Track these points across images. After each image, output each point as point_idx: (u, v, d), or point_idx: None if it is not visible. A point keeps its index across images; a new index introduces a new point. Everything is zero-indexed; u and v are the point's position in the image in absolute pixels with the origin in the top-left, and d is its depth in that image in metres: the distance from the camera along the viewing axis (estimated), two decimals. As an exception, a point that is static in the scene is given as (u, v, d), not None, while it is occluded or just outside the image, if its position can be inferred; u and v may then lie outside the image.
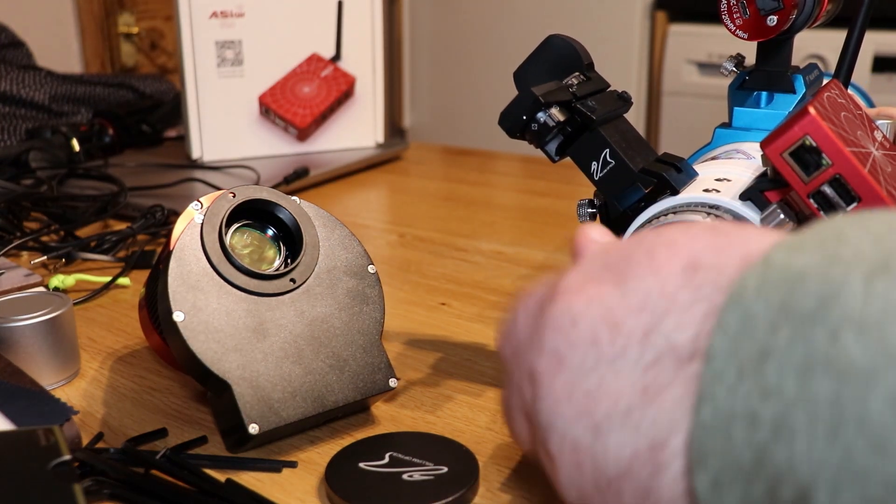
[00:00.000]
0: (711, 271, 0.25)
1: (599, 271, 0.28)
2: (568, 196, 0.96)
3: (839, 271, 0.22)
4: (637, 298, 0.26)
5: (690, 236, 0.27)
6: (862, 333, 0.20)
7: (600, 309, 0.27)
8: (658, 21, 1.99)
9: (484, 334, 0.59)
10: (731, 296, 0.23)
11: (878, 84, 1.69)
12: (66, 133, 1.02)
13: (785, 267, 0.23)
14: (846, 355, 0.20)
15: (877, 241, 0.22)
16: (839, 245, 0.23)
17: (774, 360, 0.22)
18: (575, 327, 0.27)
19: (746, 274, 0.24)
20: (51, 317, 0.50)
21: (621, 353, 0.26)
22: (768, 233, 0.26)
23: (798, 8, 0.47)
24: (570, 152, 0.47)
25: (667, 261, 0.26)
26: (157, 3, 1.92)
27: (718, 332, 0.23)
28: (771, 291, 0.22)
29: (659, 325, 0.25)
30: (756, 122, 0.51)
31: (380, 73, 1.12)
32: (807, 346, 0.21)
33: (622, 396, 0.25)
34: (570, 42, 0.48)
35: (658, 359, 0.25)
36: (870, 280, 0.21)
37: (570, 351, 0.27)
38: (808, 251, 0.23)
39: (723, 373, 0.23)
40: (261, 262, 0.47)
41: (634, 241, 0.28)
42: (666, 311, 0.25)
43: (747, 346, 0.22)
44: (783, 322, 0.22)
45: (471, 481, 0.39)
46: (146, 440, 0.44)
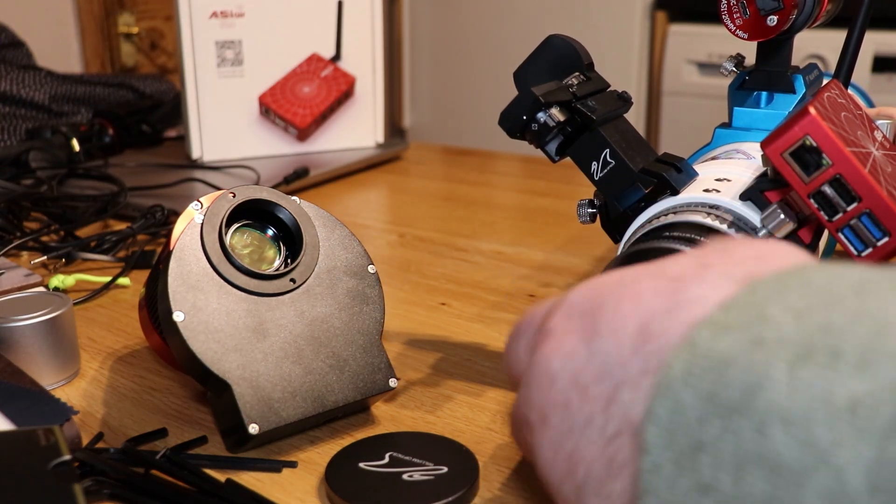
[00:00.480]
0: (658, 340, 0.25)
1: (579, 316, 0.28)
2: (568, 196, 0.96)
3: (762, 358, 0.21)
4: (599, 362, 0.26)
5: (653, 290, 0.26)
6: (788, 428, 0.20)
7: (571, 371, 0.27)
8: (658, 21, 1.99)
9: (484, 334, 0.59)
10: (660, 384, 0.23)
11: (878, 84, 1.69)
12: (66, 133, 1.02)
13: (709, 351, 0.22)
14: (775, 452, 0.20)
15: (799, 319, 0.22)
16: (761, 325, 0.22)
17: (707, 455, 0.21)
18: (552, 388, 0.27)
19: (674, 357, 0.23)
20: (51, 317, 0.50)
21: (589, 420, 0.26)
22: (723, 285, 0.26)
23: (798, 8, 0.47)
24: (570, 152, 0.47)
25: (627, 320, 0.26)
26: (157, 3, 1.92)
27: (650, 423, 0.23)
28: (697, 379, 0.22)
29: (617, 396, 0.25)
30: (756, 122, 0.51)
31: (380, 73, 1.12)
32: (736, 440, 0.21)
33: (593, 466, 0.26)
34: (570, 42, 0.48)
35: (619, 432, 0.25)
36: (793, 369, 0.21)
37: (551, 411, 0.27)
38: (732, 332, 0.22)
39: (660, 466, 0.22)
40: (261, 262, 0.47)
41: (609, 287, 0.28)
42: (622, 381, 0.25)
43: (680, 439, 0.22)
44: (711, 413, 0.21)
45: (471, 481, 0.39)
46: (146, 440, 0.44)
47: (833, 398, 0.20)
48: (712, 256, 0.27)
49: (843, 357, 0.20)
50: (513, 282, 0.69)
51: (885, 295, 0.22)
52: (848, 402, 0.20)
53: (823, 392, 0.20)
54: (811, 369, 0.20)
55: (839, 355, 0.20)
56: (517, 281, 0.69)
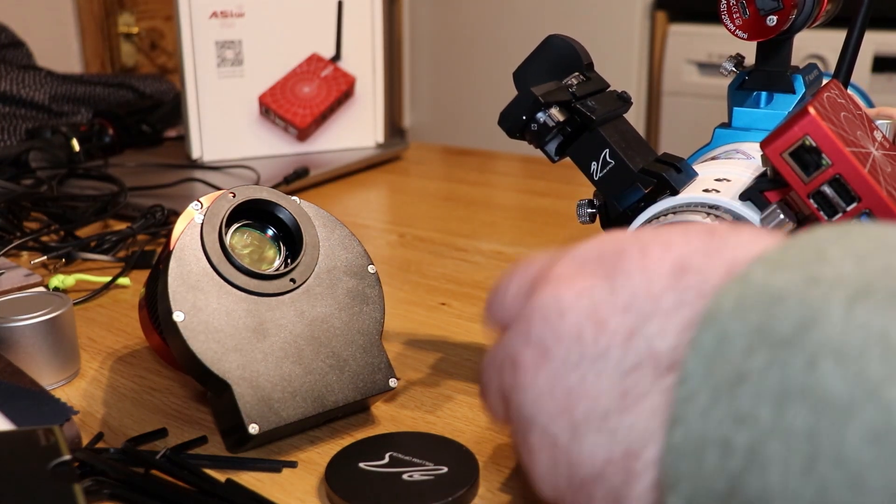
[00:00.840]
0: (698, 275, 0.25)
1: (593, 262, 0.27)
2: (568, 196, 0.96)
3: (819, 294, 0.21)
4: (624, 297, 0.25)
5: (686, 238, 0.26)
6: (840, 363, 0.20)
7: (588, 304, 0.26)
8: (658, 21, 1.99)
9: (484, 334, 0.59)
10: (707, 313, 0.23)
11: (878, 84, 1.69)
12: (66, 133, 1.02)
13: (763, 286, 0.22)
14: (823, 386, 0.20)
15: (859, 261, 0.22)
16: (820, 264, 0.22)
17: (749, 386, 0.21)
18: (562, 319, 0.26)
19: (724, 290, 0.23)
20: (51, 317, 0.50)
21: (604, 353, 0.25)
22: (763, 237, 0.25)
23: (798, 8, 0.47)
24: (570, 152, 0.47)
25: (658, 260, 0.26)
26: (157, 3, 1.92)
27: (692, 351, 0.22)
28: (748, 312, 0.22)
29: (642, 329, 0.25)
30: (756, 123, 0.51)
31: (380, 73, 1.12)
32: (783, 372, 0.20)
33: (601, 398, 0.25)
34: (569, 42, 0.48)
35: (638, 364, 0.24)
36: (850, 306, 0.20)
37: (555, 344, 0.26)
38: (788, 269, 0.22)
39: (696, 395, 0.22)
40: (261, 262, 0.47)
41: (631, 236, 0.28)
42: (650, 314, 0.25)
43: (722, 369, 0.22)
44: (760, 345, 0.21)
45: (471, 481, 0.39)
46: (146, 440, 0.44)
47: (889, 336, 0.20)
48: None
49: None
50: (513, 282, 0.69)
51: None
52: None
53: (879, 330, 0.20)
54: (869, 307, 0.20)
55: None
56: (517, 281, 0.69)
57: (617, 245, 0.27)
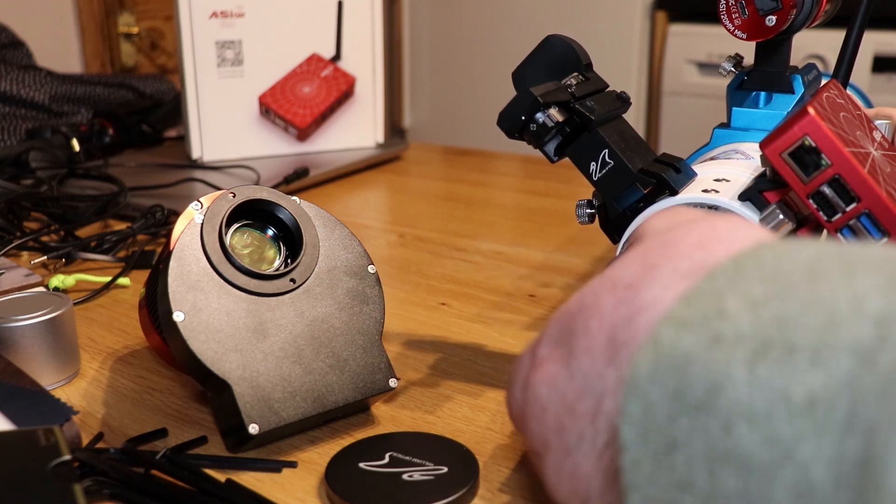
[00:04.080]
0: (626, 348, 0.26)
1: (554, 345, 0.29)
2: (568, 196, 0.96)
3: (722, 357, 0.22)
4: (579, 381, 0.27)
5: (611, 304, 0.27)
6: (752, 426, 0.20)
7: (557, 393, 0.28)
8: (658, 21, 1.99)
9: (484, 334, 0.59)
10: (629, 384, 0.23)
11: (878, 84, 1.69)
12: (66, 133, 1.02)
13: (672, 349, 0.23)
14: (742, 449, 0.21)
15: (755, 312, 0.22)
16: (720, 320, 0.22)
17: (681, 452, 0.22)
18: (546, 414, 0.28)
19: (640, 357, 0.24)
20: (51, 317, 0.50)
21: (580, 438, 0.27)
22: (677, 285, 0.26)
23: (797, 8, 0.47)
24: (569, 153, 0.47)
25: (595, 336, 0.27)
26: (157, 3, 1.92)
27: (624, 422, 0.23)
28: (663, 377, 0.23)
29: (601, 409, 0.26)
30: (755, 123, 0.51)
31: (380, 73, 1.12)
32: (705, 438, 0.21)
33: (592, 479, 0.27)
34: (568, 42, 0.48)
35: (608, 442, 0.26)
36: (751, 367, 0.21)
37: (549, 436, 0.28)
38: (692, 329, 0.23)
39: (639, 463, 0.23)
40: (261, 262, 0.47)
41: (577, 307, 0.29)
42: (602, 393, 0.26)
43: (654, 436, 0.22)
44: (679, 412, 0.22)
45: (471, 481, 0.40)
46: (146, 440, 0.44)
47: (791, 394, 0.20)
48: (655, 254, 0.28)
49: (797, 352, 0.21)
50: (513, 282, 0.69)
51: (835, 278, 0.22)
52: (806, 397, 0.20)
53: (782, 388, 0.20)
54: (769, 366, 0.21)
55: (794, 350, 0.21)
56: (517, 281, 0.69)
57: (570, 322, 0.29)
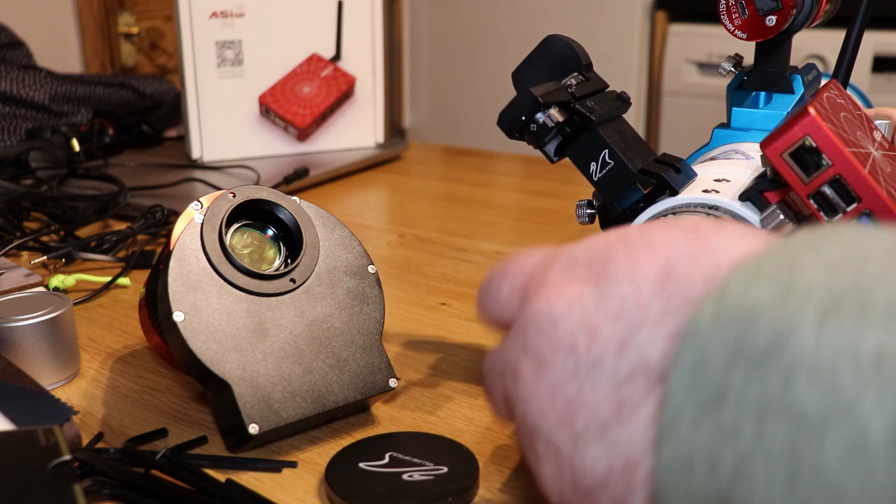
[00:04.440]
0: (682, 282, 0.25)
1: (583, 267, 0.28)
2: (568, 196, 0.96)
3: (791, 309, 0.21)
4: (614, 305, 0.26)
5: (669, 239, 0.26)
6: (813, 378, 0.20)
7: (580, 313, 0.26)
8: (658, 21, 1.99)
9: (484, 334, 0.59)
10: (687, 328, 0.23)
11: (878, 84, 1.69)
12: (66, 133, 1.02)
13: (739, 299, 0.22)
14: (799, 401, 0.20)
15: (829, 272, 0.22)
16: (792, 276, 0.22)
17: (731, 402, 0.21)
18: (555, 330, 0.27)
19: (702, 304, 0.23)
20: (51, 317, 0.50)
21: (598, 362, 0.25)
22: (745, 238, 0.26)
23: (797, 8, 0.47)
24: (569, 153, 0.47)
25: (644, 265, 0.26)
26: (157, 3, 1.92)
27: (676, 367, 0.23)
28: (725, 327, 0.22)
29: (633, 338, 0.25)
30: (755, 123, 0.51)
31: (380, 73, 1.12)
32: (761, 388, 0.21)
33: (599, 408, 0.25)
34: (568, 42, 0.48)
35: (632, 374, 0.25)
36: (821, 320, 0.21)
37: (551, 355, 0.26)
38: (763, 282, 0.22)
39: (682, 409, 0.22)
40: (261, 262, 0.47)
41: (618, 238, 0.28)
42: (639, 322, 0.25)
43: (704, 384, 0.22)
44: (737, 361, 0.22)
45: (471, 481, 0.40)
46: (146, 440, 0.44)
47: (860, 351, 0.20)
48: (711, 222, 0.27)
49: (871, 311, 0.20)
50: (512, 282, 0.69)
51: None
52: (874, 354, 0.20)
53: (850, 344, 0.20)
54: (839, 321, 0.21)
55: (868, 309, 0.21)
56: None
57: (605, 249, 0.28)
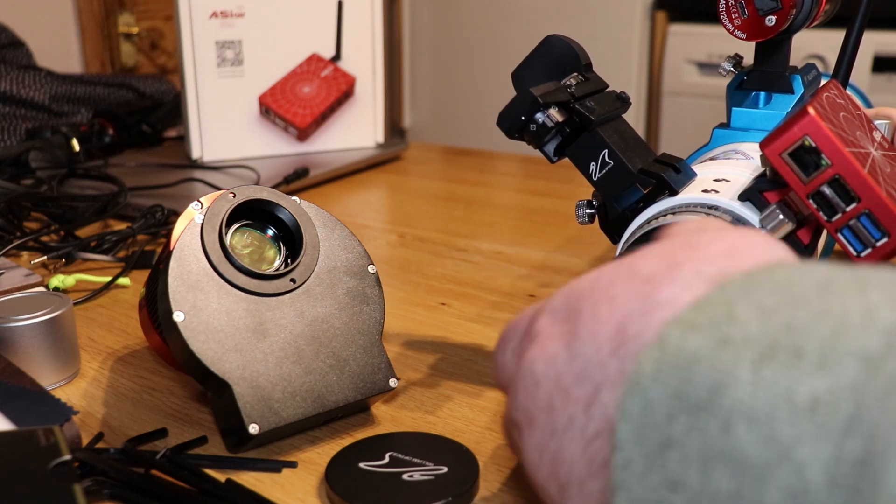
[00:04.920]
0: (634, 342, 0.26)
1: (561, 321, 0.29)
2: (568, 196, 0.96)
3: (728, 357, 0.22)
4: (579, 365, 0.27)
5: (627, 294, 0.27)
6: (752, 426, 0.21)
7: (554, 374, 0.28)
8: (658, 21, 1.99)
9: (484, 334, 0.59)
10: (630, 381, 0.23)
11: (878, 84, 1.69)
12: (66, 133, 1.02)
13: (678, 349, 0.23)
14: (740, 448, 0.21)
15: (764, 319, 0.22)
16: (729, 325, 0.23)
17: (675, 451, 0.22)
18: (537, 390, 0.28)
19: (645, 355, 0.24)
20: (51, 317, 0.50)
21: (571, 421, 0.27)
22: (692, 289, 0.26)
23: (796, 8, 0.47)
24: (569, 153, 0.47)
25: (603, 324, 0.27)
26: (157, 3, 1.92)
27: (622, 419, 0.23)
28: (666, 377, 0.23)
29: (597, 398, 0.26)
30: (754, 123, 0.51)
31: (380, 73, 1.12)
32: (703, 437, 0.21)
33: (575, 465, 0.26)
34: (568, 42, 0.49)
35: (598, 432, 0.26)
36: (757, 368, 0.21)
37: (536, 413, 0.28)
38: (700, 332, 0.23)
39: (631, 461, 0.23)
40: (261, 262, 0.47)
41: (588, 289, 0.29)
42: (601, 382, 0.26)
43: (650, 435, 0.22)
44: (679, 411, 0.22)
45: (471, 481, 0.40)
46: (146, 440, 0.44)
47: (795, 396, 0.20)
48: (682, 253, 0.27)
49: (804, 356, 0.21)
50: (512, 282, 0.69)
51: (847, 293, 0.22)
52: (809, 400, 0.20)
53: (786, 390, 0.21)
54: (774, 368, 0.21)
55: (801, 354, 0.21)
56: (517, 281, 0.69)
57: (577, 302, 0.29)
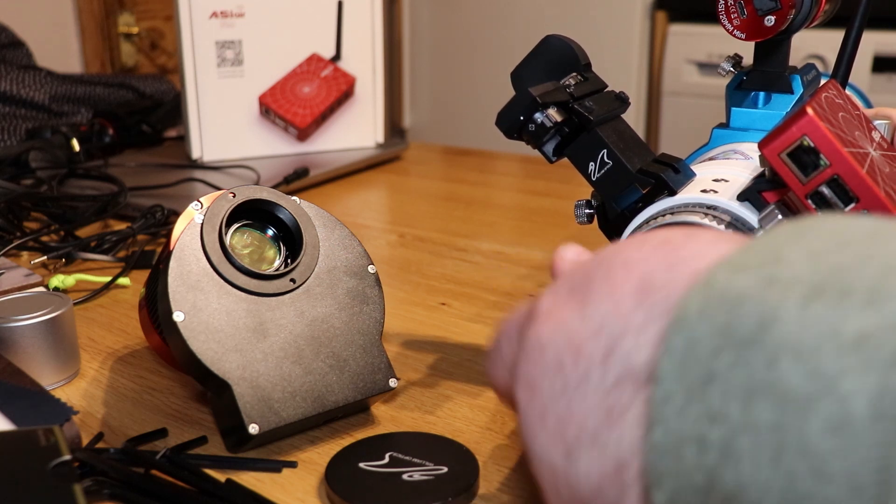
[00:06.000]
0: (662, 291, 0.26)
1: (566, 294, 0.29)
2: (567, 196, 0.96)
3: (776, 294, 0.22)
4: (595, 322, 0.27)
5: (644, 254, 0.27)
6: (798, 360, 0.21)
7: (564, 335, 0.27)
8: (658, 21, 1.99)
9: (484, 334, 0.59)
10: (675, 317, 0.24)
11: (878, 84, 1.69)
12: (66, 133, 1.02)
13: (725, 288, 0.23)
14: (784, 382, 0.21)
15: (812, 260, 0.23)
16: (777, 265, 0.23)
17: (718, 385, 0.22)
18: (543, 355, 0.28)
19: (690, 295, 0.24)
20: (51, 317, 0.50)
21: (584, 376, 0.26)
22: (719, 243, 0.27)
23: (796, 8, 0.47)
24: (568, 153, 0.47)
25: (622, 282, 0.27)
26: (157, 3, 1.92)
27: (665, 354, 0.23)
28: (712, 314, 0.23)
29: (617, 348, 0.26)
30: (754, 123, 0.51)
31: (380, 73, 1.12)
32: (747, 371, 0.22)
33: (588, 419, 0.26)
34: (567, 42, 0.49)
35: (619, 381, 0.26)
36: (805, 304, 0.22)
37: (540, 379, 0.28)
38: (748, 271, 0.23)
39: (671, 395, 0.23)
40: (261, 262, 0.47)
41: (596, 261, 0.29)
42: (622, 332, 0.26)
43: (693, 369, 0.23)
44: (725, 346, 0.22)
45: (471, 481, 0.40)
46: (146, 440, 0.44)
47: (841, 332, 0.21)
48: (682, 233, 0.28)
49: (852, 294, 0.21)
50: (512, 282, 0.69)
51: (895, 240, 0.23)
52: (855, 335, 0.21)
53: (832, 326, 0.21)
54: (822, 305, 0.21)
55: (849, 293, 0.21)
56: (517, 281, 0.69)
57: (585, 273, 0.29)
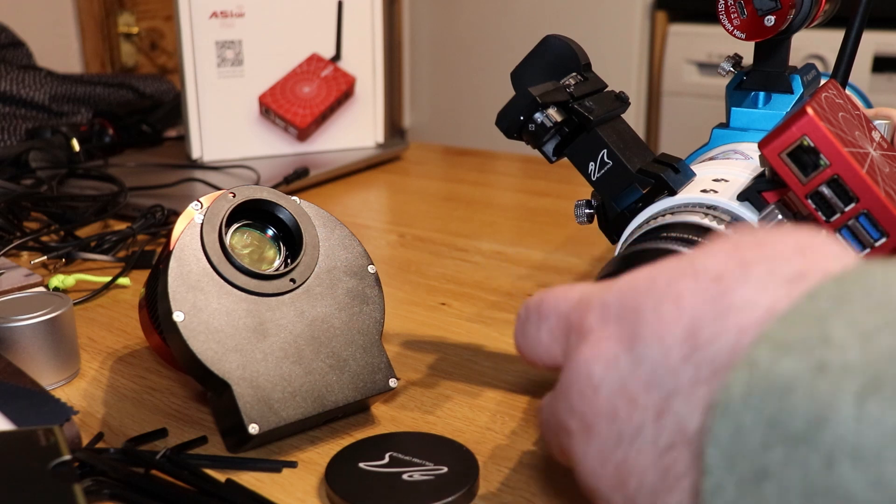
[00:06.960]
0: (708, 348, 0.24)
1: (615, 320, 0.27)
2: (568, 196, 0.96)
3: (827, 387, 0.20)
4: (646, 370, 0.26)
5: (696, 291, 0.25)
6: (858, 464, 0.19)
7: (616, 379, 0.26)
8: (658, 21, 1.99)
9: (483, 334, 0.59)
10: (719, 403, 0.22)
11: (878, 84, 1.69)
12: (66, 133, 1.02)
13: (770, 373, 0.22)
14: (845, 487, 0.19)
15: (864, 342, 0.21)
16: (826, 348, 0.21)
17: (773, 483, 0.21)
18: (597, 396, 0.27)
19: (733, 377, 0.22)
20: (51, 317, 0.50)
21: (638, 431, 0.25)
22: (767, 291, 0.24)
23: (796, 8, 0.47)
24: (568, 153, 0.47)
25: (670, 324, 0.25)
26: (157, 3, 1.92)
27: (711, 444, 0.22)
28: (758, 402, 0.21)
29: (669, 407, 0.25)
30: (753, 123, 0.51)
31: (380, 73, 1.12)
32: (803, 471, 0.20)
33: (646, 475, 0.25)
34: (567, 42, 0.49)
35: (672, 444, 0.25)
36: (861, 401, 0.20)
37: (595, 421, 0.27)
38: (794, 354, 0.22)
39: (722, 488, 0.22)
40: (261, 262, 0.47)
41: (647, 285, 0.27)
42: (673, 391, 0.25)
43: (742, 462, 0.21)
44: (775, 441, 0.21)
45: (471, 481, 0.40)
46: (146, 440, 0.44)
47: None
48: (750, 252, 0.26)
49: None
50: (512, 282, 0.69)
51: None
52: None
53: (894, 428, 0.19)
54: (880, 402, 0.20)
55: None
56: (517, 281, 0.69)
57: (635, 299, 0.27)
